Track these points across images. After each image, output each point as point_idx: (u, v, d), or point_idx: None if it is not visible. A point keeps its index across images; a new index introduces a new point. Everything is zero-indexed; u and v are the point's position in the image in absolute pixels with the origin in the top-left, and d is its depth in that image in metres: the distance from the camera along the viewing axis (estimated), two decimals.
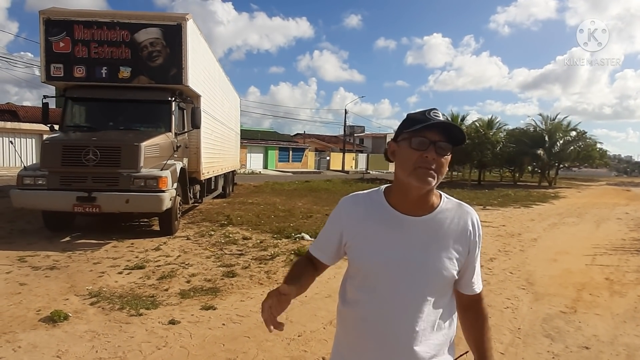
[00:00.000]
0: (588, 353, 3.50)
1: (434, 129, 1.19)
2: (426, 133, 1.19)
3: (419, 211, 1.25)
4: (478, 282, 1.35)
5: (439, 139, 1.18)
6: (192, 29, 7.99)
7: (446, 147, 1.18)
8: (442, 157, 1.19)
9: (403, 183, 1.24)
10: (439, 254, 1.23)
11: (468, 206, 1.33)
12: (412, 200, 1.25)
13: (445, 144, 1.18)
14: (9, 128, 22.64)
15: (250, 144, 38.42)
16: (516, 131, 33.46)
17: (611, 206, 16.53)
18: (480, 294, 1.37)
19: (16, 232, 7.46)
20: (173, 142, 7.73)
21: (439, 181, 1.22)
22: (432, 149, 1.17)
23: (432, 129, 1.18)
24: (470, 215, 1.30)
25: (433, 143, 1.18)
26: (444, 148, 1.18)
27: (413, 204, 1.25)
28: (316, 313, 4.13)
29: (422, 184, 1.19)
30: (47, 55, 7.54)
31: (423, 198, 1.25)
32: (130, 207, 6.70)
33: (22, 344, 3.29)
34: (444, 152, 1.19)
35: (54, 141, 6.94)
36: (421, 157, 1.18)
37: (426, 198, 1.26)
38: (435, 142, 1.18)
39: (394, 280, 1.21)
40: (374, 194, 1.34)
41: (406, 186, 1.23)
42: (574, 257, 7.10)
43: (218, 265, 5.73)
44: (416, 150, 1.18)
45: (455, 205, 1.31)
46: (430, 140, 1.18)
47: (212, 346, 3.36)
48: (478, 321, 1.37)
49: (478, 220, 1.32)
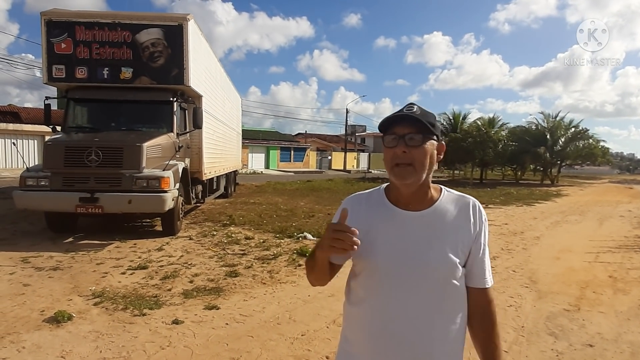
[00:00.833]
0: (592, 351, 3.49)
1: (403, 122, 1.19)
2: (395, 129, 1.19)
3: (418, 206, 1.25)
4: (488, 275, 1.30)
5: (408, 131, 1.18)
6: (193, 29, 8.00)
7: (417, 137, 1.18)
8: (415, 148, 1.18)
9: (392, 181, 1.25)
10: (441, 247, 1.22)
11: (470, 197, 1.32)
12: (408, 196, 1.25)
13: (415, 135, 1.18)
14: (11, 129, 22.72)
15: (251, 143, 38.44)
16: (518, 129, 33.41)
17: (614, 204, 16.48)
18: (490, 292, 1.32)
19: (19, 233, 7.48)
20: (175, 142, 7.74)
21: (422, 173, 1.20)
22: (402, 143, 1.18)
23: (400, 123, 1.19)
24: (472, 203, 1.29)
25: (402, 137, 1.18)
26: (414, 139, 1.18)
27: (411, 200, 1.25)
28: (319, 312, 4.13)
29: (401, 180, 1.20)
30: (49, 57, 7.56)
31: (419, 193, 1.25)
32: (133, 207, 6.71)
33: (26, 344, 3.30)
34: (415, 142, 1.18)
35: (57, 142, 6.95)
36: (394, 154, 1.19)
37: (423, 193, 1.26)
38: (404, 135, 1.18)
39: (398, 277, 1.21)
40: (375, 192, 1.34)
41: (395, 184, 1.24)
42: (577, 255, 7.09)
43: (221, 265, 5.73)
44: (390, 149, 1.20)
45: (456, 197, 1.30)
46: (399, 134, 1.18)
47: (216, 346, 3.36)
48: (487, 325, 1.31)
49: (480, 207, 1.30)
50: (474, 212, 1.28)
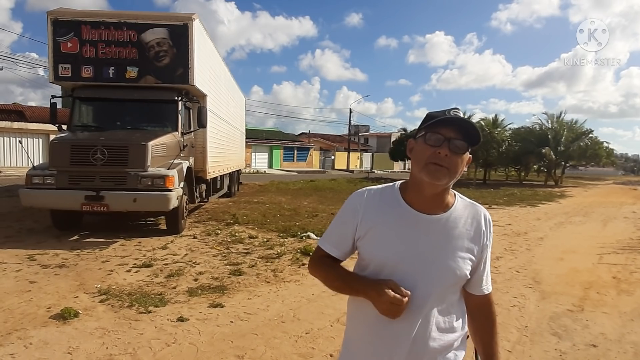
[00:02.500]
0: (595, 351, 3.50)
1: (451, 126, 1.18)
2: (442, 130, 1.18)
3: (434, 210, 1.25)
4: (488, 283, 1.35)
5: (454, 136, 1.17)
6: (198, 28, 8.03)
7: (461, 145, 1.17)
8: (456, 155, 1.18)
9: (417, 179, 1.24)
10: (453, 253, 1.23)
11: (480, 206, 1.34)
12: (427, 198, 1.24)
13: (461, 142, 1.17)
14: (16, 128, 22.82)
15: (255, 143, 38.47)
16: (522, 130, 33.31)
17: (618, 205, 16.42)
18: (490, 297, 1.36)
19: (25, 231, 7.54)
20: (180, 141, 7.78)
21: (453, 180, 1.21)
22: (445, 146, 1.17)
23: (448, 125, 1.18)
24: (483, 214, 1.31)
25: (447, 140, 1.17)
26: (458, 146, 1.17)
27: (428, 202, 1.25)
28: (323, 311, 4.15)
29: (433, 180, 1.18)
30: (55, 56, 7.61)
31: (438, 196, 1.25)
32: (138, 206, 6.75)
33: (33, 340, 3.33)
34: (459, 150, 1.17)
35: (63, 141, 7.00)
36: (434, 153, 1.17)
37: (441, 197, 1.25)
38: (450, 139, 1.17)
39: (406, 278, 1.20)
40: (388, 189, 1.33)
41: (420, 183, 1.23)
42: (581, 255, 7.08)
43: (225, 264, 5.76)
44: (430, 147, 1.18)
45: (469, 204, 1.32)
46: (445, 137, 1.17)
47: (221, 343, 3.39)
48: (486, 324, 1.37)
49: (490, 220, 1.33)
50: (486, 224, 1.30)
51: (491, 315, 1.37)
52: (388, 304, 1.14)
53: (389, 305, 1.14)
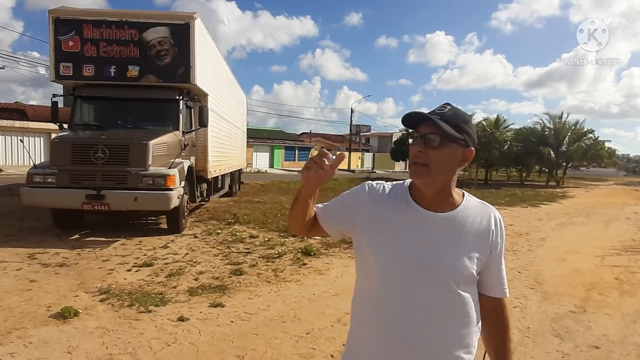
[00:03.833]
0: (598, 352, 3.48)
1: (427, 121, 1.18)
2: (420, 127, 1.19)
3: (440, 208, 1.23)
4: (503, 285, 1.31)
5: (429, 131, 1.17)
6: (199, 28, 8.02)
7: (435, 138, 1.16)
8: (433, 149, 1.16)
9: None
10: (459, 252, 1.21)
11: (491, 206, 1.32)
12: (429, 197, 1.23)
13: (435, 136, 1.16)
14: (18, 127, 22.86)
15: (256, 142, 38.48)
16: (524, 130, 33.25)
17: (620, 206, 16.38)
18: (504, 301, 1.33)
19: (26, 229, 7.53)
20: (181, 140, 7.77)
21: (438, 176, 1.19)
22: (420, 142, 1.17)
23: (425, 122, 1.18)
24: (493, 214, 1.29)
25: (422, 136, 1.17)
26: (433, 140, 1.16)
27: (432, 201, 1.23)
28: (324, 311, 4.13)
29: (414, 179, 1.21)
30: (56, 54, 7.60)
31: (439, 195, 1.23)
32: (139, 205, 6.74)
33: (33, 339, 3.32)
34: (435, 143, 1.16)
35: (64, 139, 7.00)
36: (414, 153, 1.19)
37: (443, 195, 1.24)
38: (425, 134, 1.17)
39: (411, 277, 1.19)
40: (398, 185, 1.32)
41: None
42: (583, 256, 7.05)
43: (225, 263, 5.75)
44: (413, 147, 1.20)
45: (478, 204, 1.30)
46: (420, 133, 1.18)
47: (221, 343, 3.37)
48: (500, 328, 1.33)
49: (501, 219, 1.30)
50: (496, 224, 1.28)
51: (504, 320, 1.34)
52: (310, 161, 1.13)
53: (311, 163, 1.12)
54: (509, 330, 1.34)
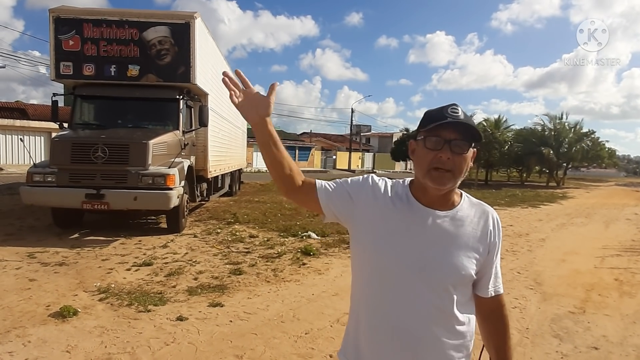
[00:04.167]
0: (597, 353, 3.47)
1: (450, 126, 1.15)
2: (441, 131, 1.15)
3: (440, 206, 1.23)
4: (498, 285, 1.32)
5: (454, 137, 1.14)
6: (200, 27, 8.02)
7: (463, 145, 1.15)
8: (459, 155, 1.15)
9: (421, 183, 1.22)
10: (457, 252, 1.20)
11: (488, 206, 1.31)
12: (432, 197, 1.23)
13: (462, 142, 1.15)
14: (18, 126, 22.85)
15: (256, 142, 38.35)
16: (524, 131, 33.23)
17: (620, 207, 16.37)
18: (502, 298, 1.33)
19: (25, 228, 7.54)
20: (181, 140, 7.77)
21: (458, 180, 1.19)
22: (447, 148, 1.14)
23: (447, 126, 1.15)
24: (491, 215, 1.29)
25: (448, 142, 1.14)
26: (460, 146, 1.15)
27: (434, 200, 1.23)
28: (323, 311, 4.13)
29: (437, 186, 1.17)
30: (56, 54, 7.60)
31: (445, 197, 1.23)
32: (138, 204, 6.75)
33: (32, 338, 3.32)
34: (461, 150, 1.15)
35: (64, 139, 7.00)
36: (436, 157, 1.15)
37: (447, 196, 1.24)
38: (451, 140, 1.14)
39: (409, 276, 1.18)
40: (399, 183, 1.31)
41: (424, 185, 1.21)
42: (583, 257, 7.05)
43: (225, 263, 5.75)
44: (431, 150, 1.16)
45: (476, 204, 1.30)
46: (445, 139, 1.14)
47: (220, 343, 3.37)
48: (499, 327, 1.33)
49: (499, 220, 1.30)
50: (494, 224, 1.27)
51: (504, 318, 1.34)
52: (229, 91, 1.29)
53: (229, 91, 1.29)
54: (509, 328, 1.34)
